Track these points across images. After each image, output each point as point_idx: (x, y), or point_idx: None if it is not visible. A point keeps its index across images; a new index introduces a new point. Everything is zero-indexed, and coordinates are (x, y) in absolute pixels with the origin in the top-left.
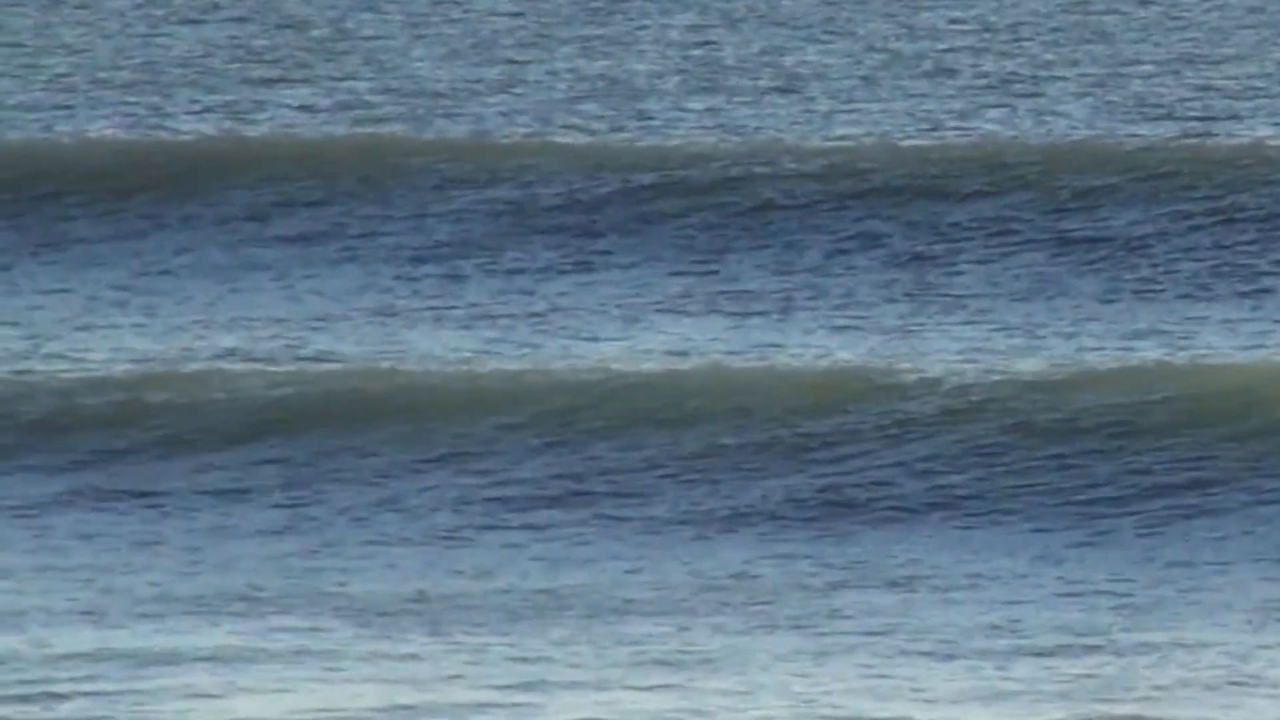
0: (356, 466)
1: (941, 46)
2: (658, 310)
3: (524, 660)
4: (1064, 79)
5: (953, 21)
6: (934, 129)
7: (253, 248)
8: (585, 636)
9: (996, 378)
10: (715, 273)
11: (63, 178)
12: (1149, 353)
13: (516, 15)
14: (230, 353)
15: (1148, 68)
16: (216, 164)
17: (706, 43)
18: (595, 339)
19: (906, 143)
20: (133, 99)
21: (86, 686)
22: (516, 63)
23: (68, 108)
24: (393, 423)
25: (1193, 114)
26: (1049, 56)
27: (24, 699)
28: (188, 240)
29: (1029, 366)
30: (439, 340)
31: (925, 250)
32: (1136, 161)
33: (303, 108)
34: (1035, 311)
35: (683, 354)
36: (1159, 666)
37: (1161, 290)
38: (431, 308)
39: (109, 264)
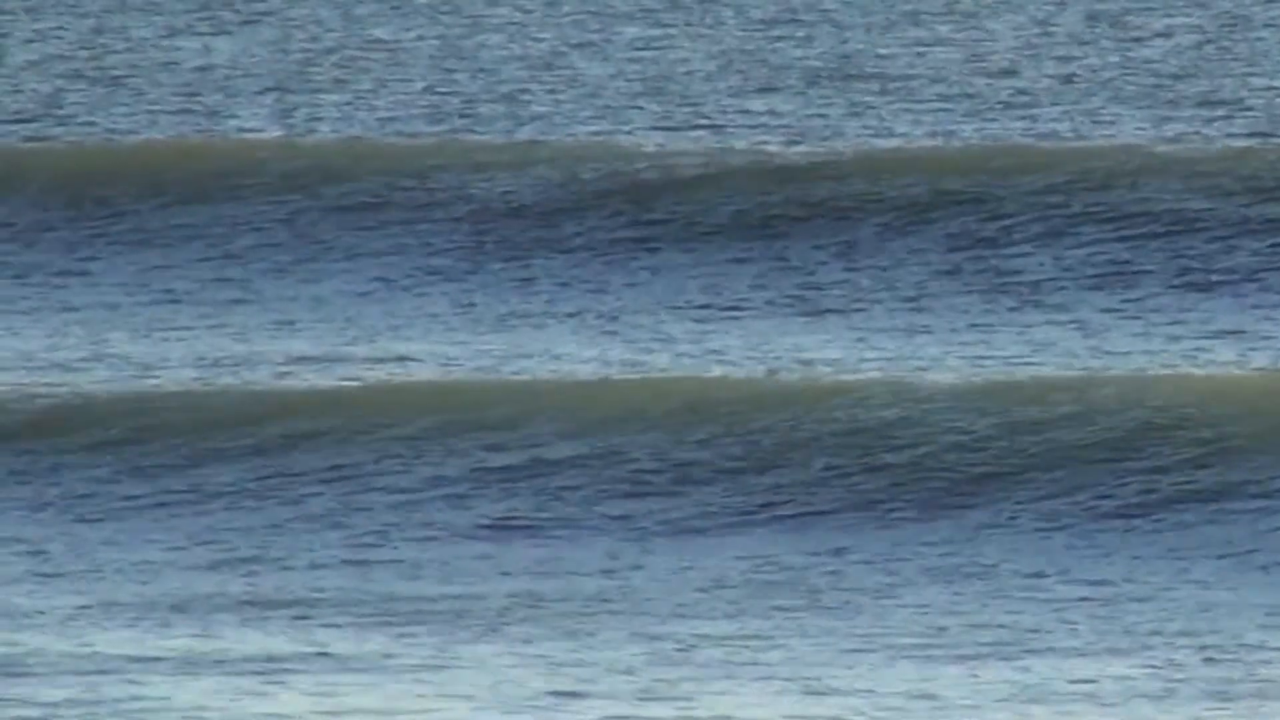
0: (403, 468)
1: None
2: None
3: (566, 665)
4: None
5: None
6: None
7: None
8: (637, 639)
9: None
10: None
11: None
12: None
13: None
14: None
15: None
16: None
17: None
18: (668, 339)
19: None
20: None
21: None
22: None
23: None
24: (433, 423)
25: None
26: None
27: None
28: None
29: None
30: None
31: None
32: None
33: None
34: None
35: (731, 361)
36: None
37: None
38: (572, 313)
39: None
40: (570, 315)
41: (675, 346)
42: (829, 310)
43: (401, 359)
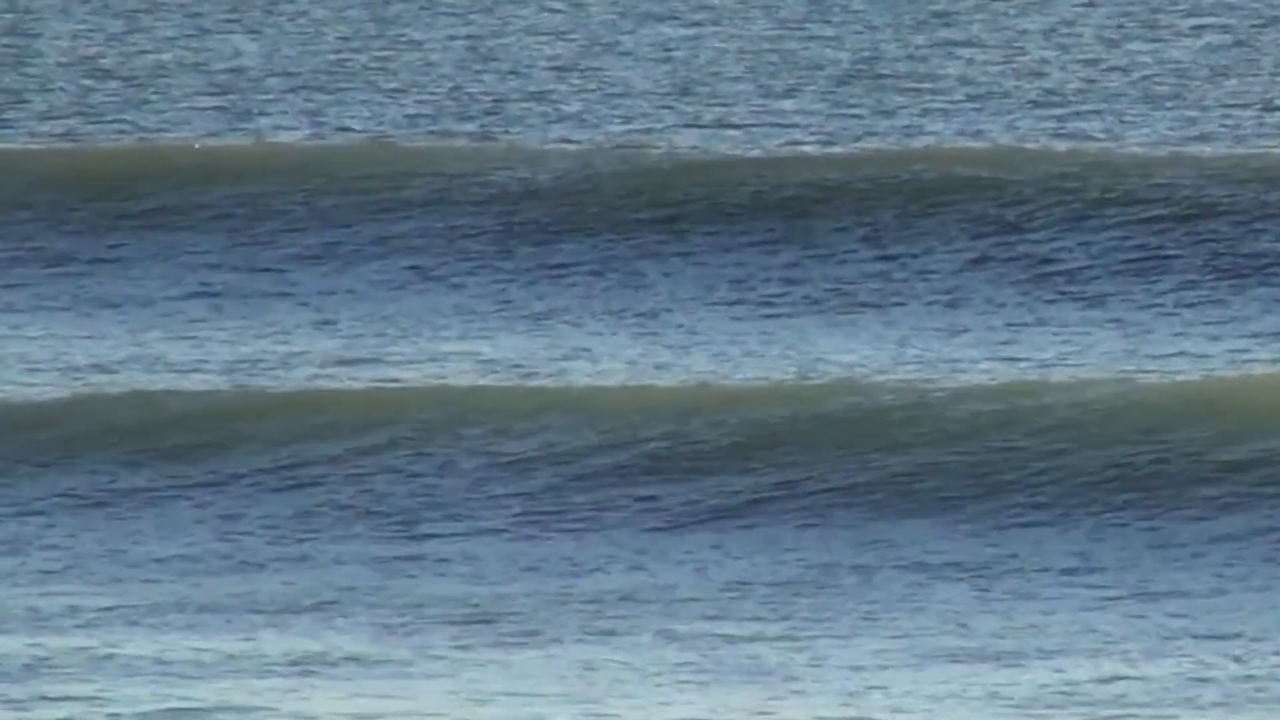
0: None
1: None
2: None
3: (594, 668)
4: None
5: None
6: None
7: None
8: (662, 641)
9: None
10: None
11: None
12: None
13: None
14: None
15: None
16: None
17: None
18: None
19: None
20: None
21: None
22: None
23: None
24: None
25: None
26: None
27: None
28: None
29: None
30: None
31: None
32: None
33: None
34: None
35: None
36: None
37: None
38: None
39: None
40: (603, 313)
41: (708, 346)
42: (863, 305)
43: (434, 358)
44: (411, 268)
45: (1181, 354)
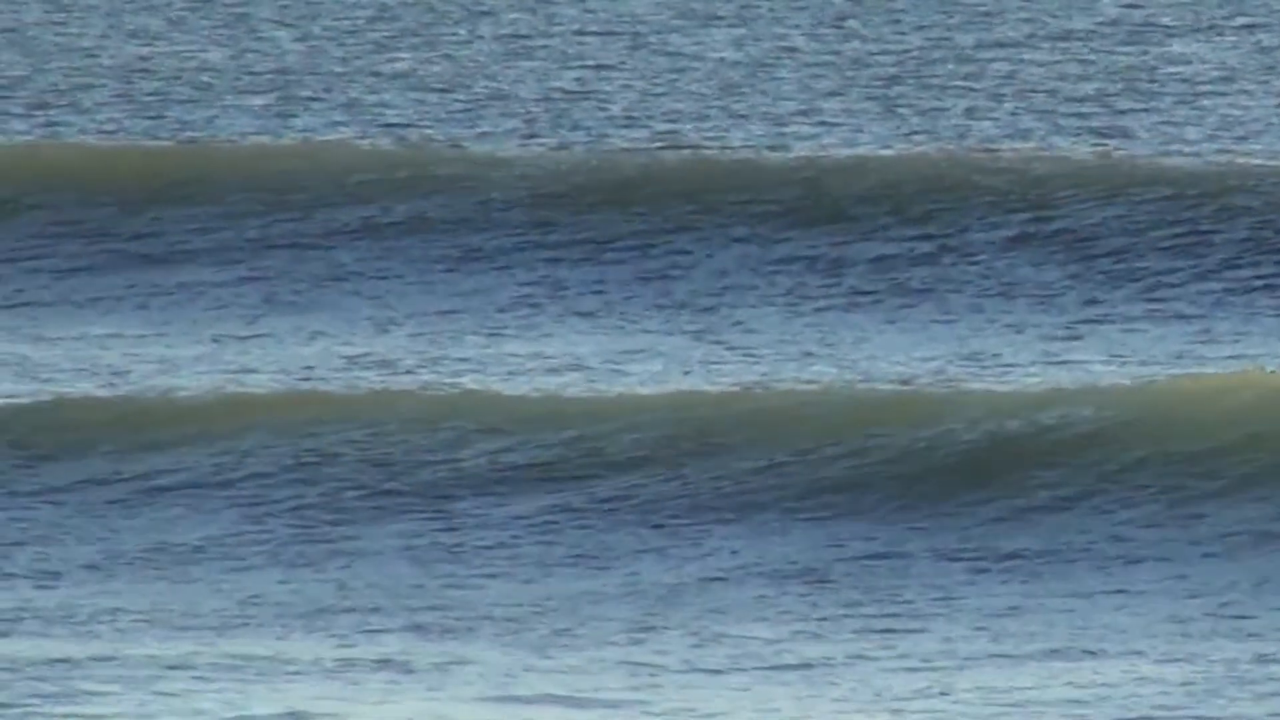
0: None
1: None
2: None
3: (641, 665)
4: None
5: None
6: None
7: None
8: (702, 639)
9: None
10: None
11: None
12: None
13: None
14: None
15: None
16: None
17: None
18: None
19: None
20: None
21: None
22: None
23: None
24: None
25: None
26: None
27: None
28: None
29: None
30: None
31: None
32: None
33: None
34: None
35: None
36: None
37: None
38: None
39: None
40: (648, 320)
41: (762, 347)
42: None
43: (465, 361)
44: (466, 260)
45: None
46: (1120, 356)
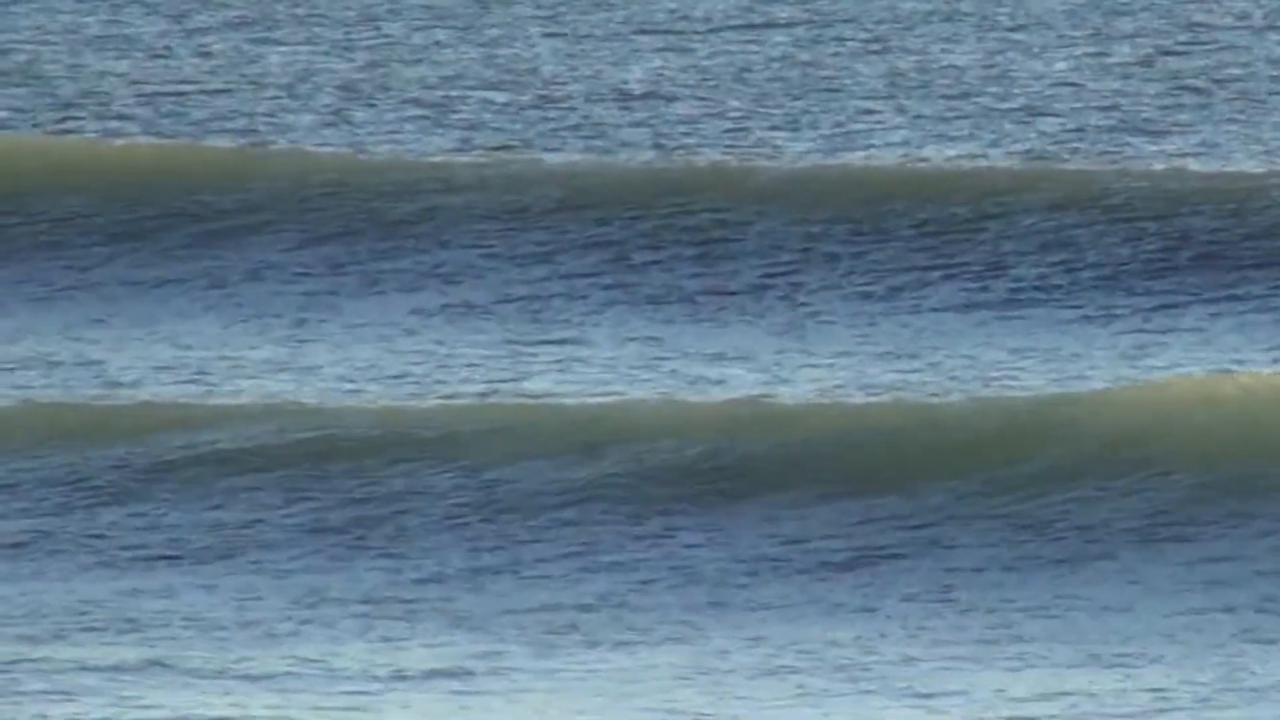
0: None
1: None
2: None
3: (690, 675)
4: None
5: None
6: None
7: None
8: (742, 643)
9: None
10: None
11: None
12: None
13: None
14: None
15: None
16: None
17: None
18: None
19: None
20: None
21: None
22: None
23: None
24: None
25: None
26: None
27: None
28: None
29: None
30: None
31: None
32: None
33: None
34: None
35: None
36: None
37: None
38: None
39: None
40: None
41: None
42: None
43: (527, 371)
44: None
45: None
46: None
